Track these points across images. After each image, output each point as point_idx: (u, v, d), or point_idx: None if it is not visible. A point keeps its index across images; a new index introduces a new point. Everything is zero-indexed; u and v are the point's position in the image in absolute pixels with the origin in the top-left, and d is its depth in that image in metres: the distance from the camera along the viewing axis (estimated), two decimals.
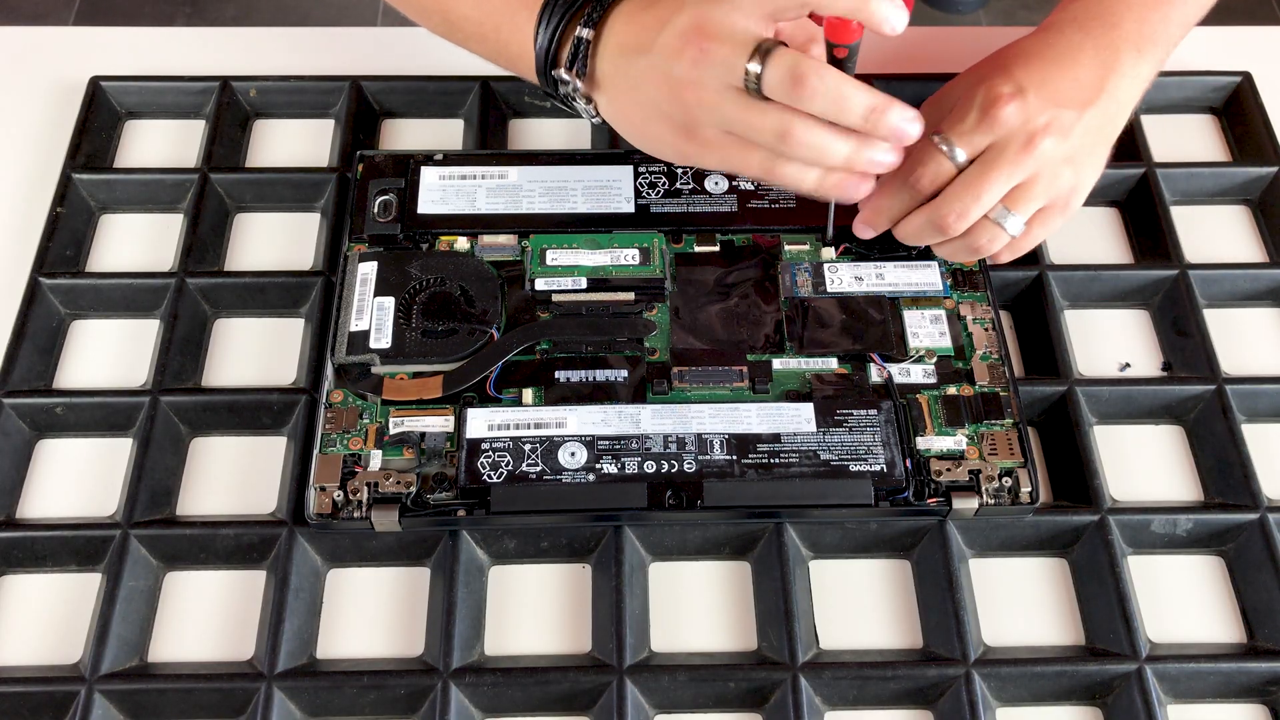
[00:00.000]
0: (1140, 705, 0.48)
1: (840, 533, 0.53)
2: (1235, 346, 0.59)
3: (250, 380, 0.58)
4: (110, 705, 0.48)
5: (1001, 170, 0.50)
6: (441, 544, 0.52)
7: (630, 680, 0.48)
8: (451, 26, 0.56)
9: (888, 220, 0.54)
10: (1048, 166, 0.50)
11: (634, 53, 0.49)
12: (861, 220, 0.55)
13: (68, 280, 0.59)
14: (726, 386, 0.54)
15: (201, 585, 0.52)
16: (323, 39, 0.71)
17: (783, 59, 0.45)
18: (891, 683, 0.49)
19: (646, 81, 0.49)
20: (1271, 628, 0.51)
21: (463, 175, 0.60)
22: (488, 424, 0.52)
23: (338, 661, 0.50)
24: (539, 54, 0.51)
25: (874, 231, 0.55)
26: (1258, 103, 0.66)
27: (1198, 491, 0.55)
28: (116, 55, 0.69)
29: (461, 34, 0.56)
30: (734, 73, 0.46)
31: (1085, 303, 0.61)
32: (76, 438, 0.56)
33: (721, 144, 0.49)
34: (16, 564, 0.52)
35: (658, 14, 0.48)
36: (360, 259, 0.57)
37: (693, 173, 0.61)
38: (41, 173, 0.64)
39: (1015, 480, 0.51)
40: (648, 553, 0.53)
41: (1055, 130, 0.50)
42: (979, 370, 0.55)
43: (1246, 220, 0.65)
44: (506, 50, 0.54)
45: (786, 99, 0.46)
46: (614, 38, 0.50)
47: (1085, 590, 0.52)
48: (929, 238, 0.53)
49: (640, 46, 0.49)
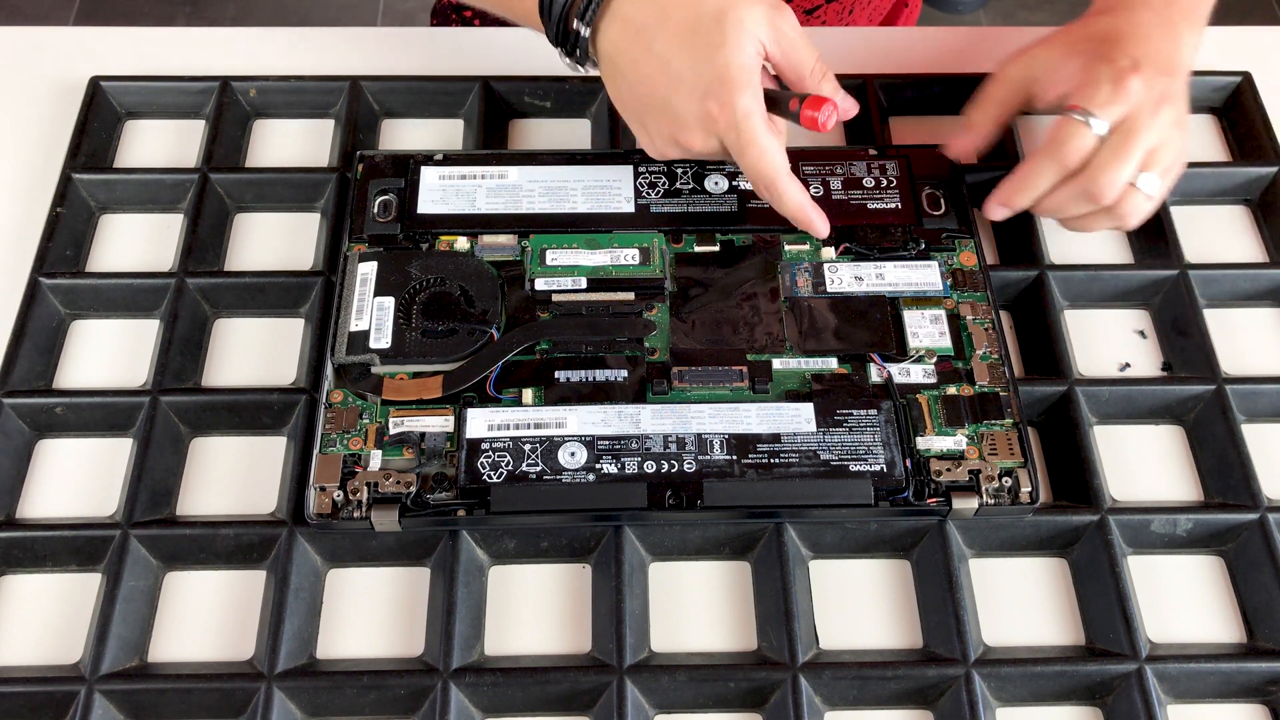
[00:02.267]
0: (1140, 705, 0.48)
1: (840, 533, 0.53)
2: (1235, 346, 0.59)
3: (250, 380, 0.58)
4: (110, 705, 0.48)
5: (1142, 135, 0.54)
6: (441, 544, 0.52)
7: (630, 680, 0.48)
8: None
9: (1031, 198, 0.57)
10: (1168, 130, 0.55)
11: (639, 34, 0.53)
12: (997, 201, 0.58)
13: (68, 280, 0.59)
14: (726, 386, 0.54)
15: (201, 585, 0.52)
16: (323, 39, 0.71)
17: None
18: (891, 683, 0.49)
19: (652, 74, 0.53)
20: (1271, 628, 0.51)
21: (463, 175, 0.60)
22: (488, 424, 0.52)
23: (338, 661, 0.50)
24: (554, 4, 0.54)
25: (1010, 211, 0.59)
26: (1258, 103, 0.66)
27: (1198, 491, 0.55)
28: (116, 55, 0.69)
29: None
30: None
31: (1085, 303, 0.61)
32: (76, 438, 0.56)
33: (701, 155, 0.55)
34: (16, 564, 0.52)
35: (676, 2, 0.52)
36: (360, 259, 0.57)
37: (693, 172, 0.61)
38: (41, 173, 0.64)
39: (1015, 480, 0.51)
40: (648, 553, 0.53)
41: (1169, 97, 0.55)
42: (979, 370, 0.55)
43: (1246, 220, 0.65)
44: (522, 3, 0.56)
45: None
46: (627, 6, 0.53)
47: (1085, 590, 0.52)
48: (1078, 208, 0.56)
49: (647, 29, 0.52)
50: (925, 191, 0.60)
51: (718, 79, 0.51)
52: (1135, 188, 0.55)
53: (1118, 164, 0.54)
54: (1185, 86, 0.57)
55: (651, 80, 0.53)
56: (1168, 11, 0.58)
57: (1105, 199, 0.55)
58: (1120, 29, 0.57)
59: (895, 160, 0.61)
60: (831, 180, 0.60)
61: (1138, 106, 0.54)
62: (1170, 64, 0.56)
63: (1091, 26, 0.58)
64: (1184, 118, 0.56)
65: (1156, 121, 0.54)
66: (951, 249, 0.59)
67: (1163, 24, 0.57)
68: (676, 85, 0.52)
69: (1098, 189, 0.54)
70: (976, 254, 0.58)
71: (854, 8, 0.82)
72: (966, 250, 0.59)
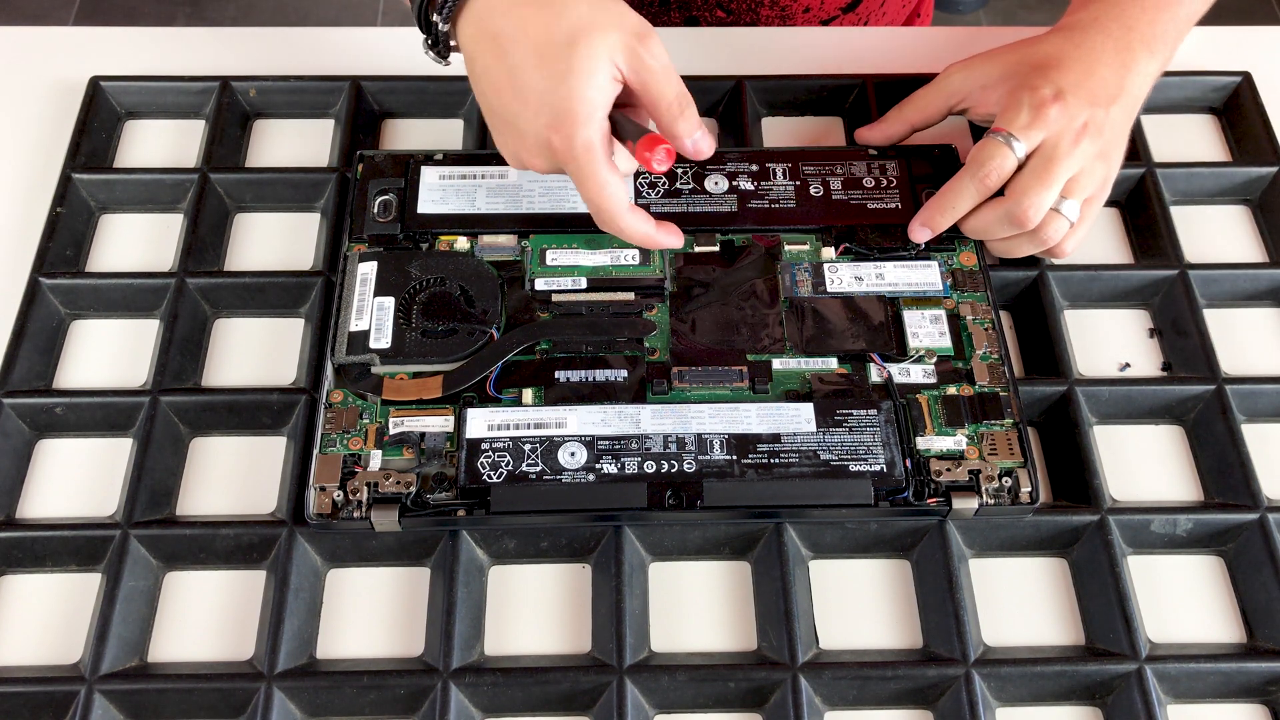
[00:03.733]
0: (1140, 705, 0.48)
1: (840, 533, 0.53)
2: (1235, 346, 0.59)
3: (250, 380, 0.58)
4: (110, 705, 0.48)
5: (1063, 161, 0.54)
6: (441, 544, 0.52)
7: (630, 680, 0.48)
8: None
9: (952, 218, 0.57)
10: (1089, 160, 0.55)
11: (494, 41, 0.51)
12: (920, 222, 0.58)
13: (68, 280, 0.59)
14: (726, 386, 0.54)
15: (201, 585, 0.52)
16: (323, 39, 0.71)
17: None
18: (891, 683, 0.49)
19: (501, 86, 0.52)
20: (1271, 628, 0.51)
21: (463, 175, 0.60)
22: (488, 424, 0.52)
23: (338, 661, 0.50)
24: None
25: (931, 233, 0.58)
26: (1257, 103, 0.66)
27: (1198, 491, 0.55)
28: (116, 55, 0.69)
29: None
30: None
31: (1085, 303, 0.61)
32: (76, 438, 0.56)
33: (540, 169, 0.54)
34: (16, 564, 0.52)
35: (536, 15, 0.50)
36: (360, 259, 0.57)
37: (693, 172, 0.61)
38: (41, 173, 0.64)
39: (1015, 480, 0.51)
40: (648, 553, 0.53)
41: (1093, 127, 0.55)
42: (979, 370, 0.55)
43: (1246, 220, 0.65)
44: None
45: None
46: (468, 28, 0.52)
47: (1085, 590, 0.52)
48: (1002, 230, 0.56)
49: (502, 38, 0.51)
50: (925, 192, 0.60)
51: (561, 109, 0.50)
52: (1058, 213, 0.55)
53: (1038, 188, 0.54)
54: (1125, 115, 0.57)
55: (500, 92, 0.52)
56: (1126, 38, 0.57)
57: (1027, 223, 0.55)
58: (1059, 55, 0.57)
59: (895, 160, 0.61)
60: (831, 180, 0.60)
61: (1057, 134, 0.54)
62: (1103, 94, 0.55)
63: (1035, 49, 0.58)
64: (1112, 148, 0.56)
65: (1078, 150, 0.54)
66: (951, 249, 0.59)
67: (1116, 50, 0.57)
68: (523, 104, 0.51)
69: (1020, 211, 0.54)
70: (976, 254, 0.58)
71: (868, 19, 0.82)
72: (966, 250, 0.59)
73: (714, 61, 0.70)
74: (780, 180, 0.60)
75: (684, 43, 0.71)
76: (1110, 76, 0.56)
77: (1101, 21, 0.58)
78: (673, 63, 0.52)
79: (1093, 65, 0.56)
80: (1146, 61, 0.57)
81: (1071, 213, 0.55)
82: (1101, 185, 0.56)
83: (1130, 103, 0.57)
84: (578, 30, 0.50)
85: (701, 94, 0.67)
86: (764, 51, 0.71)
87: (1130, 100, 0.57)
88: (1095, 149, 0.55)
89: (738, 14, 0.78)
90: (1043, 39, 0.59)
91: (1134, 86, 0.57)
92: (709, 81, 0.67)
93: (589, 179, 0.51)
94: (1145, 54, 0.57)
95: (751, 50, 0.71)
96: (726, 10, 0.78)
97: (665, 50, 0.52)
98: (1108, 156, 0.56)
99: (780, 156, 0.61)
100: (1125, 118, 0.57)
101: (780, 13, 0.77)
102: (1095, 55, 0.57)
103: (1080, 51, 0.57)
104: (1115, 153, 0.57)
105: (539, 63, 0.50)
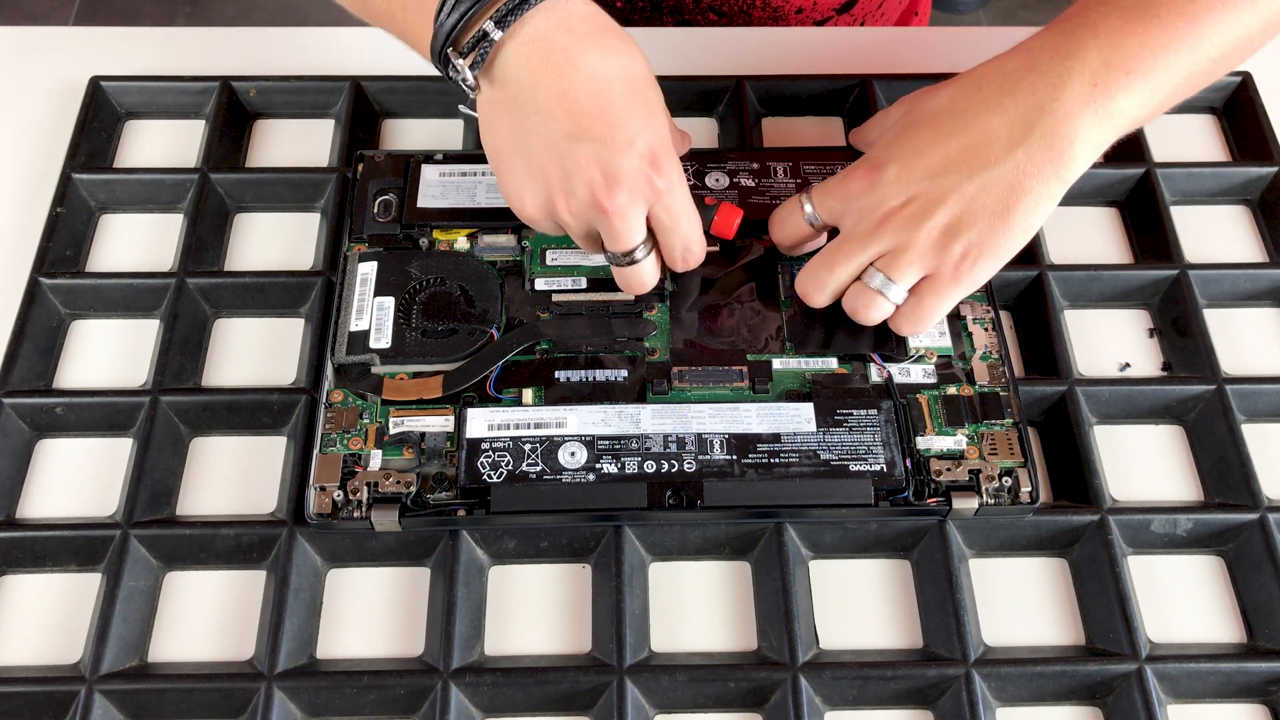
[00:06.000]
0: (1140, 705, 0.48)
1: (840, 533, 0.53)
2: (1235, 346, 0.59)
3: (250, 380, 0.58)
4: (110, 705, 0.48)
5: (855, 241, 0.51)
6: (441, 544, 0.52)
7: (630, 680, 0.48)
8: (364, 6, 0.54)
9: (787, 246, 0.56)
10: (917, 238, 0.49)
11: (529, 98, 0.47)
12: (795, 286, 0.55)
13: (68, 280, 0.59)
14: (726, 386, 0.54)
15: (201, 585, 0.52)
16: (323, 39, 0.71)
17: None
18: (891, 683, 0.49)
19: (533, 138, 0.48)
20: (1271, 628, 0.51)
21: (463, 173, 0.60)
22: (488, 424, 0.52)
23: (338, 661, 0.50)
24: (439, 31, 0.48)
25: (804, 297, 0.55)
26: (1258, 103, 0.66)
27: (1198, 491, 0.55)
28: (116, 55, 0.69)
29: (373, 14, 0.53)
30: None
31: (1085, 303, 0.61)
32: (76, 438, 0.56)
33: (571, 229, 0.51)
34: (16, 564, 0.52)
35: (575, 65, 0.47)
36: (360, 259, 0.57)
37: (693, 171, 0.61)
38: (41, 173, 0.64)
39: (1015, 480, 0.51)
40: (648, 553, 0.53)
41: (922, 204, 0.49)
42: (979, 370, 0.55)
43: (1246, 220, 0.65)
44: (411, 28, 0.50)
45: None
46: (520, 56, 0.47)
47: (1085, 590, 0.52)
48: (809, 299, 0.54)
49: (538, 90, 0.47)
50: None
51: (659, 139, 0.47)
52: (874, 290, 0.51)
53: (816, 265, 0.52)
54: (1016, 175, 0.48)
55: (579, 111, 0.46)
56: (1055, 71, 0.48)
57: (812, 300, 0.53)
58: (935, 113, 0.50)
59: None
60: None
61: (858, 210, 0.50)
62: (971, 159, 0.48)
63: (925, 102, 0.52)
64: (977, 217, 0.48)
65: (887, 230, 0.49)
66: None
67: (1031, 90, 0.48)
68: (613, 126, 0.46)
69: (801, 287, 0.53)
70: None
71: (865, 19, 0.82)
72: None
73: (713, 62, 0.70)
74: (780, 180, 0.60)
75: (684, 43, 0.71)
76: (1000, 129, 0.48)
77: (1037, 50, 0.49)
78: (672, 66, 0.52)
79: (970, 118, 0.49)
80: (1087, 97, 0.47)
81: (895, 296, 0.51)
82: (958, 260, 0.49)
83: (1033, 157, 0.48)
84: (647, 74, 0.49)
85: (701, 94, 0.67)
86: (763, 52, 0.71)
87: (1034, 154, 0.48)
88: (938, 222, 0.49)
89: (730, 16, 0.78)
90: (939, 88, 0.52)
91: (1051, 133, 0.47)
92: (709, 81, 0.67)
93: (685, 215, 0.51)
94: (1085, 88, 0.48)
95: (751, 51, 0.71)
96: (719, 13, 0.78)
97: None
98: (962, 229, 0.48)
99: (780, 156, 0.61)
100: (1016, 178, 0.48)
101: (772, 14, 0.77)
102: (989, 103, 0.49)
103: (967, 100, 0.49)
104: (986, 222, 0.48)
105: (628, 92, 0.47)
